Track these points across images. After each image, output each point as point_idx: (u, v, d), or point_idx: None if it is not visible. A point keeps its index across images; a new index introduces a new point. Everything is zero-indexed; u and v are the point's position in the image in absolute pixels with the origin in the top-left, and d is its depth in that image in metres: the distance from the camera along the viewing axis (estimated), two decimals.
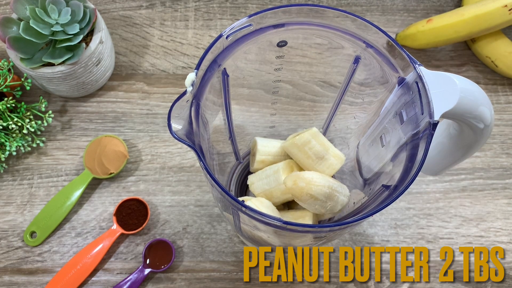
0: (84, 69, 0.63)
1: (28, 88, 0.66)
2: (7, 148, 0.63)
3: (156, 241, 0.62)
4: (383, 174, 0.47)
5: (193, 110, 0.41)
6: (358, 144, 0.54)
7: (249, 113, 0.57)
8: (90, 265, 0.61)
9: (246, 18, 0.42)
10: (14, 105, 0.64)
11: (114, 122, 0.69)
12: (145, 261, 0.61)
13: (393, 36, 0.74)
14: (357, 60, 0.47)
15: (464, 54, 0.74)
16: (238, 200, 0.39)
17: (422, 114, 0.40)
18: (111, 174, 0.65)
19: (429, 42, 0.71)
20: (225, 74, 0.45)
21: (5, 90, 0.64)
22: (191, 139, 0.39)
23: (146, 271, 0.60)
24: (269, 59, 0.48)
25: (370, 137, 0.51)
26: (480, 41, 0.71)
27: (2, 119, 0.63)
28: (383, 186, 0.44)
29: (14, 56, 0.62)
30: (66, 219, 0.64)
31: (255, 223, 0.42)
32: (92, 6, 0.64)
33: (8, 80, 0.64)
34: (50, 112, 0.66)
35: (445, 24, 0.69)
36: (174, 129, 0.38)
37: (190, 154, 0.67)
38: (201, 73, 0.41)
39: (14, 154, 0.64)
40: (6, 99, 0.64)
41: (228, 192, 0.38)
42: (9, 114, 0.64)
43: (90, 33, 0.64)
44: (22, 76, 0.68)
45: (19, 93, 0.67)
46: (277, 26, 0.43)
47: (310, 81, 0.56)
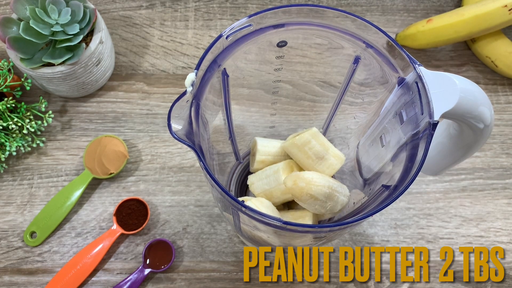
0: (84, 69, 0.63)
1: (28, 88, 0.66)
2: (7, 148, 0.63)
3: (156, 241, 0.62)
4: (383, 174, 0.47)
5: (193, 110, 0.41)
6: (358, 144, 0.54)
7: (249, 113, 0.57)
8: (90, 265, 0.61)
9: (246, 18, 0.42)
10: (14, 105, 0.64)
11: (114, 122, 0.69)
12: (145, 261, 0.61)
13: (393, 36, 0.74)
14: (357, 60, 0.47)
15: (464, 54, 0.74)
16: (238, 200, 0.39)
17: (422, 114, 0.40)
18: (111, 174, 0.65)
19: (429, 42, 0.71)
20: (225, 74, 0.45)
21: (5, 90, 0.64)
22: (191, 139, 0.39)
23: (146, 271, 0.60)
24: (269, 59, 0.48)
25: (370, 137, 0.51)
26: (480, 41, 0.71)
27: (2, 119, 0.63)
28: (383, 186, 0.44)
29: (14, 56, 0.62)
30: (66, 219, 0.64)
31: (255, 223, 0.42)
32: (92, 6, 0.64)
33: (8, 80, 0.64)
34: (50, 112, 0.66)
35: (445, 24, 0.69)
36: (174, 129, 0.38)
37: (190, 154, 0.67)
38: (201, 73, 0.41)
39: (14, 154, 0.65)
40: (6, 99, 0.64)
41: (228, 192, 0.38)
42: (9, 114, 0.64)
43: (90, 33, 0.64)
44: (22, 76, 0.68)
45: (19, 93, 0.67)
46: (277, 26, 0.43)
47: (310, 81, 0.56)
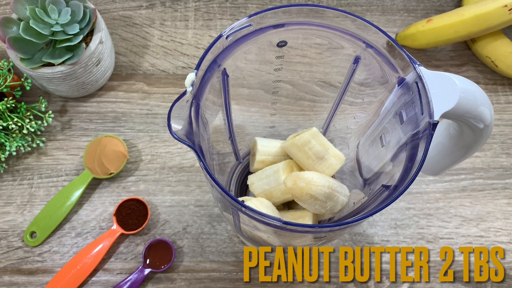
0: (84, 69, 0.63)
1: (28, 88, 0.66)
2: (7, 148, 0.63)
3: (156, 241, 0.62)
4: (383, 174, 0.47)
5: (193, 110, 0.41)
6: (358, 144, 0.54)
7: (249, 113, 0.57)
8: (90, 265, 0.61)
9: (246, 18, 0.42)
10: (14, 105, 0.64)
11: (114, 122, 0.69)
12: (145, 261, 0.61)
13: (393, 36, 0.74)
14: (357, 60, 0.47)
15: (464, 54, 0.74)
16: (238, 200, 0.39)
17: (422, 114, 0.40)
18: (111, 174, 0.65)
19: (429, 42, 0.71)
20: (225, 74, 0.45)
21: (5, 90, 0.64)
22: (191, 139, 0.39)
23: (146, 271, 0.60)
24: (269, 59, 0.48)
25: (370, 137, 0.51)
26: (480, 41, 0.71)
27: (2, 119, 0.63)
28: (383, 186, 0.44)
29: (14, 56, 0.62)
30: (66, 219, 0.64)
31: (255, 223, 0.42)
32: (92, 6, 0.64)
33: (8, 80, 0.64)
34: (50, 112, 0.66)
35: (445, 24, 0.69)
36: (174, 129, 0.38)
37: (190, 154, 0.67)
38: (201, 73, 0.41)
39: (14, 154, 0.65)
40: (6, 99, 0.64)
41: (228, 192, 0.38)
42: (9, 114, 0.64)
43: (90, 33, 0.64)
44: (22, 76, 0.68)
45: (19, 93, 0.67)
46: (277, 26, 0.43)
47: (310, 81, 0.56)
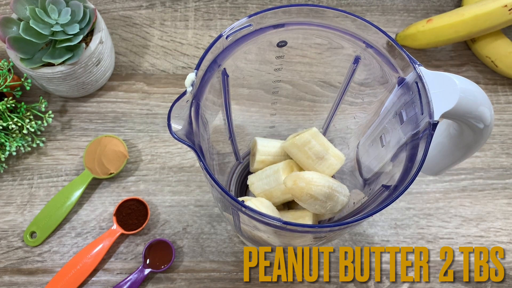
0: (84, 69, 0.63)
1: (28, 88, 0.66)
2: (7, 148, 0.63)
3: (156, 241, 0.62)
4: (383, 174, 0.47)
5: (193, 110, 0.41)
6: (358, 144, 0.54)
7: (249, 113, 0.57)
8: (90, 265, 0.61)
9: (246, 18, 0.42)
10: (14, 105, 0.64)
11: (114, 122, 0.69)
12: (145, 261, 0.61)
13: (393, 36, 0.74)
14: (357, 60, 0.47)
15: (464, 54, 0.74)
16: (238, 200, 0.39)
17: (422, 114, 0.40)
18: (111, 174, 0.65)
19: (429, 42, 0.71)
20: (225, 74, 0.45)
21: (5, 90, 0.64)
22: (191, 139, 0.39)
23: (146, 271, 0.60)
24: (269, 59, 0.48)
25: (370, 137, 0.51)
26: (480, 41, 0.71)
27: (2, 119, 0.63)
28: (383, 186, 0.44)
29: (14, 56, 0.62)
30: (66, 219, 0.64)
31: (255, 223, 0.42)
32: (92, 6, 0.64)
33: (8, 80, 0.64)
34: (50, 112, 0.66)
35: (445, 24, 0.69)
36: (174, 129, 0.38)
37: (190, 154, 0.67)
38: (201, 73, 0.41)
39: (14, 154, 0.64)
40: (6, 99, 0.64)
41: (228, 192, 0.38)
42: (9, 114, 0.64)
43: (90, 33, 0.64)
44: (22, 76, 0.68)
45: (19, 93, 0.67)
46: (277, 26, 0.43)
47: (310, 81, 0.56)
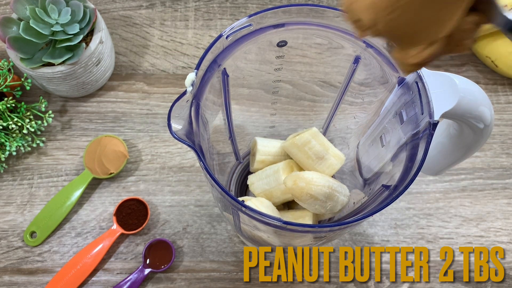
0: (84, 69, 0.63)
1: (28, 88, 0.66)
2: (7, 148, 0.63)
3: (156, 241, 0.62)
4: (383, 174, 0.47)
5: (193, 110, 0.41)
6: (358, 144, 0.54)
7: (249, 113, 0.57)
8: (90, 265, 0.61)
9: (246, 18, 0.42)
10: (14, 105, 0.64)
11: (114, 122, 0.69)
12: (145, 261, 0.61)
13: None
14: (357, 60, 0.47)
15: (464, 54, 0.74)
16: (238, 200, 0.39)
17: (422, 114, 0.40)
18: (111, 174, 0.65)
19: None
20: (225, 74, 0.45)
21: (5, 90, 0.64)
22: (191, 139, 0.39)
23: (146, 271, 0.60)
24: (269, 59, 0.48)
25: (370, 137, 0.51)
26: (480, 41, 0.71)
27: (2, 119, 0.63)
28: (383, 186, 0.44)
29: (14, 56, 0.62)
30: (66, 219, 0.64)
31: (255, 223, 0.42)
32: (92, 6, 0.64)
33: (8, 80, 0.64)
34: (50, 112, 0.66)
35: None
36: (174, 129, 0.38)
37: (190, 154, 0.67)
38: (201, 73, 0.41)
39: (14, 154, 0.64)
40: (6, 99, 0.63)
41: (228, 192, 0.38)
42: (9, 114, 0.64)
43: (90, 33, 0.64)
44: (22, 76, 0.68)
45: (19, 93, 0.67)
46: (277, 26, 0.43)
47: (310, 81, 0.56)
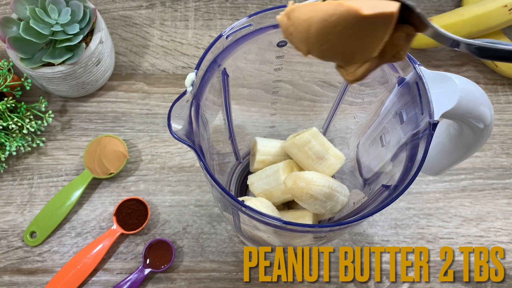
0: (84, 69, 0.63)
1: (28, 88, 0.66)
2: (7, 148, 0.63)
3: (156, 241, 0.62)
4: (383, 174, 0.47)
5: (193, 110, 0.41)
6: (358, 144, 0.54)
7: (249, 113, 0.57)
8: (90, 265, 0.61)
9: (246, 18, 0.42)
10: (14, 105, 0.64)
11: (114, 122, 0.69)
12: (145, 261, 0.61)
13: None
14: None
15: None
16: (238, 200, 0.39)
17: (422, 114, 0.40)
18: (111, 174, 0.65)
19: (429, 42, 0.71)
20: (225, 74, 0.45)
21: (5, 90, 0.64)
22: (191, 139, 0.39)
23: (146, 271, 0.60)
24: (269, 59, 0.48)
25: (370, 137, 0.51)
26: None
27: (2, 119, 0.63)
28: (383, 186, 0.44)
29: (14, 56, 0.62)
30: (66, 219, 0.64)
31: (255, 223, 0.42)
32: (92, 6, 0.64)
33: (8, 80, 0.64)
34: (50, 112, 0.66)
35: (445, 24, 0.69)
36: (174, 129, 0.38)
37: (190, 154, 0.67)
38: (201, 73, 0.41)
39: (14, 154, 0.64)
40: (6, 99, 0.64)
41: (228, 192, 0.38)
42: (9, 114, 0.64)
43: (90, 33, 0.64)
44: (22, 76, 0.68)
45: (19, 93, 0.67)
46: (277, 26, 0.43)
47: (310, 81, 0.56)
